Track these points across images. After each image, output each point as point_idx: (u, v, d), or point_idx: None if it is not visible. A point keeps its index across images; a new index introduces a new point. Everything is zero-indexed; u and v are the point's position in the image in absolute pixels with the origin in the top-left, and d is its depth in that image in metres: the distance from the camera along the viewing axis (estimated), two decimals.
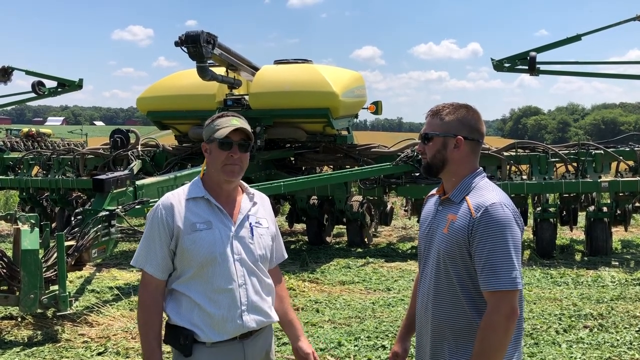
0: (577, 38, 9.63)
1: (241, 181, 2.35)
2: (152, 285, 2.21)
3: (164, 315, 2.25)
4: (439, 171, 2.13)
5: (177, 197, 2.25)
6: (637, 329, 5.00)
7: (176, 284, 2.22)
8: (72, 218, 5.85)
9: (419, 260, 2.26)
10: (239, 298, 2.19)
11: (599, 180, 8.22)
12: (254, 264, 2.25)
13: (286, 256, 2.51)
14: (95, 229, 5.37)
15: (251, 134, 2.29)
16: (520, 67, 9.70)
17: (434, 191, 2.26)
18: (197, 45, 7.32)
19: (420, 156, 2.22)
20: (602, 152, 8.54)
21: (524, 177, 8.72)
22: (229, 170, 2.24)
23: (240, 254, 2.22)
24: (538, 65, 9.55)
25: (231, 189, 2.30)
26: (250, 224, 2.28)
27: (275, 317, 2.33)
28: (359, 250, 9.01)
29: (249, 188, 2.38)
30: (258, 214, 2.33)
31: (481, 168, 2.16)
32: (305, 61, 9.78)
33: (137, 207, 5.86)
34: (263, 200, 2.41)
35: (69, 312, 5.13)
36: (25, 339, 5.09)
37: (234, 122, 2.26)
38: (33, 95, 11.73)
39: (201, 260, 2.17)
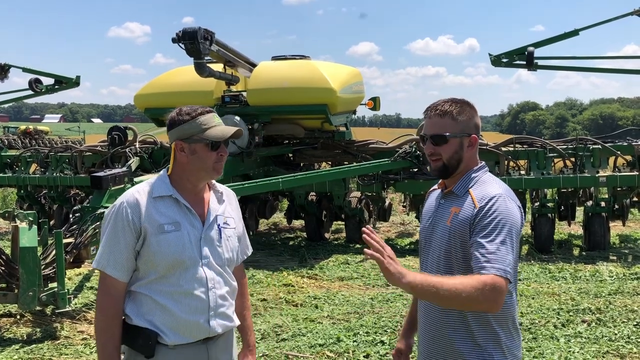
0: (574, 33, 9.63)
1: None
2: (114, 289, 2.08)
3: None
4: (454, 171, 2.10)
5: (142, 195, 2.10)
6: (635, 323, 5.02)
7: (137, 286, 2.10)
8: (71, 215, 5.85)
9: (419, 253, 2.26)
10: (206, 303, 2.11)
11: (597, 175, 8.23)
12: (222, 267, 2.17)
13: (250, 251, 2.41)
14: (93, 226, 5.36)
15: (241, 130, 2.22)
16: (518, 62, 9.70)
17: (435, 186, 2.27)
18: (194, 42, 7.32)
19: (427, 157, 2.15)
20: (600, 147, 8.54)
21: (522, 172, 8.73)
22: (219, 168, 2.17)
23: (208, 257, 2.13)
24: (536, 61, 9.55)
25: (202, 187, 2.20)
26: (219, 225, 2.19)
27: (237, 321, 2.26)
28: (358, 246, 9.01)
29: (217, 185, 2.28)
30: (226, 213, 2.24)
31: (483, 162, 2.16)
32: (303, 57, 9.76)
33: None
34: (230, 198, 2.31)
35: (67, 309, 5.12)
36: (25, 336, 5.09)
37: (217, 119, 2.16)
38: (30, 92, 11.69)
39: (168, 263, 2.07)
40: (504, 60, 9.75)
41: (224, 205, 2.25)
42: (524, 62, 9.55)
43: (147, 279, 2.09)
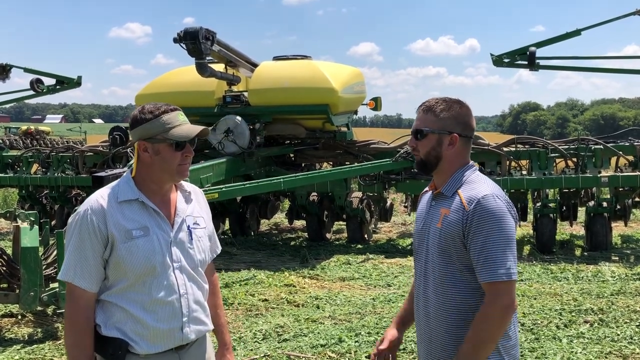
0: (576, 33, 9.61)
1: None
2: (83, 300, 1.99)
3: None
4: (433, 168, 2.11)
5: (107, 200, 2.01)
6: (638, 324, 5.00)
7: (107, 295, 2.02)
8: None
9: (414, 255, 2.26)
10: (179, 309, 2.04)
11: (598, 176, 8.22)
12: (194, 270, 2.10)
13: (220, 249, 2.32)
14: None
15: (207, 129, 2.10)
16: (519, 62, 9.69)
17: (427, 188, 2.26)
18: (196, 42, 7.32)
19: (412, 153, 2.19)
20: (601, 147, 8.53)
21: (524, 172, 8.72)
22: (184, 170, 2.07)
23: (179, 261, 2.06)
24: (537, 61, 9.54)
25: (168, 188, 2.12)
26: (189, 226, 2.11)
27: (212, 325, 2.20)
28: (359, 246, 9.01)
29: (183, 184, 2.19)
30: (195, 213, 2.16)
31: (472, 162, 2.15)
32: (304, 57, 9.77)
33: None
34: (197, 196, 2.22)
35: (64, 311, 5.12)
36: (26, 336, 5.09)
37: (181, 117, 2.06)
38: (32, 92, 11.72)
39: (139, 271, 1.99)
40: (506, 60, 9.74)
41: (192, 204, 2.17)
42: (526, 62, 9.54)
43: (116, 288, 2.01)
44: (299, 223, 10.85)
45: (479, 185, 2.03)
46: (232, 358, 2.34)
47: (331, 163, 10.19)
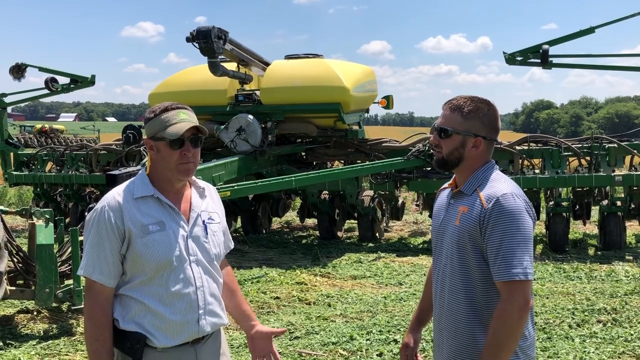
0: (590, 30, 9.51)
1: None
2: (102, 295, 2.05)
3: None
4: (453, 167, 2.12)
5: (123, 197, 2.07)
6: None
7: (125, 289, 2.07)
8: (86, 213, 5.90)
9: (433, 252, 2.26)
10: (196, 302, 2.08)
11: (612, 174, 8.16)
12: (210, 264, 2.14)
13: (232, 245, 2.36)
14: None
15: (203, 127, 2.11)
16: (532, 60, 9.61)
17: (446, 184, 2.27)
18: (208, 41, 7.35)
19: (432, 148, 2.18)
20: (615, 145, 8.46)
21: (537, 171, 8.67)
22: (184, 170, 2.08)
23: (196, 254, 2.10)
24: (550, 59, 9.46)
25: (181, 185, 2.16)
26: (204, 221, 2.16)
27: (227, 319, 2.23)
28: (370, 245, 9.02)
29: (197, 180, 2.24)
30: (209, 208, 2.21)
31: (493, 161, 2.15)
32: (316, 56, 9.78)
33: None
34: (211, 193, 2.27)
35: (83, 306, 5.17)
36: (41, 332, 5.16)
37: (182, 115, 2.08)
38: (46, 91, 11.82)
39: (156, 265, 2.03)
40: (519, 58, 9.65)
41: (207, 200, 2.22)
42: (539, 61, 9.46)
43: (134, 282, 2.06)
44: (311, 221, 10.87)
45: (498, 184, 2.03)
46: (263, 325, 2.35)
47: (342, 161, 10.19)
